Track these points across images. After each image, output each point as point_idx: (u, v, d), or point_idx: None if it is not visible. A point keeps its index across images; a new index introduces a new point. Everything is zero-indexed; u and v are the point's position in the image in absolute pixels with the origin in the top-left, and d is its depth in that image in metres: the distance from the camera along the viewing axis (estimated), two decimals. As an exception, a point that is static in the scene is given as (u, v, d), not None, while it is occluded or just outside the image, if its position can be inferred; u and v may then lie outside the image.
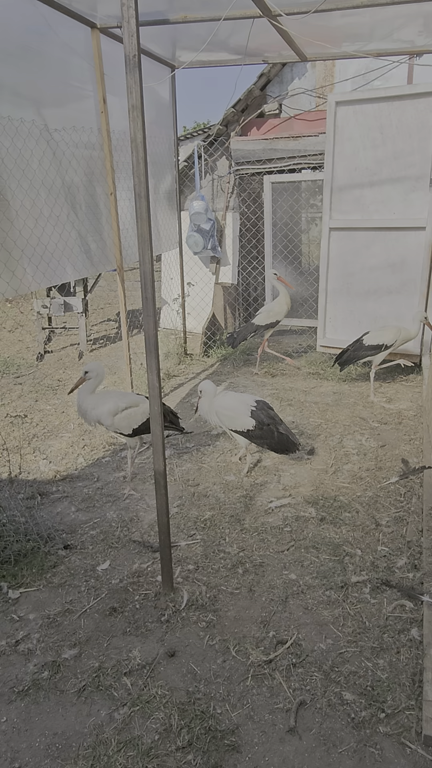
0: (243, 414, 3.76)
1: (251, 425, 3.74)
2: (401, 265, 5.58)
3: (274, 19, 3.85)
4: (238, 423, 3.78)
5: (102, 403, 3.62)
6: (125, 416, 3.61)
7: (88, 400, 3.64)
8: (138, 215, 2.20)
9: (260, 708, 2.21)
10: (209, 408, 3.86)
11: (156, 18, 4.11)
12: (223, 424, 3.87)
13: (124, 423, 3.62)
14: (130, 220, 5.18)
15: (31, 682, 2.36)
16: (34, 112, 3.79)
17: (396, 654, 2.41)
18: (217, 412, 3.83)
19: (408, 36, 4.83)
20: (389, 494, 3.65)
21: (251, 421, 3.74)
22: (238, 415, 3.77)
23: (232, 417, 3.79)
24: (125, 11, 1.97)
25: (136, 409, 3.63)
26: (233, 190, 7.13)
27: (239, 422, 3.77)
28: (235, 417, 3.78)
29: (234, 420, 3.79)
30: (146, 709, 2.21)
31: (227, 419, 3.81)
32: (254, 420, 3.74)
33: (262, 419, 3.75)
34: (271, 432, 3.76)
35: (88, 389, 3.66)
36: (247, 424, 3.75)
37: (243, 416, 3.76)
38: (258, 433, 3.75)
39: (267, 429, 3.75)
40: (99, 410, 3.61)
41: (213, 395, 3.85)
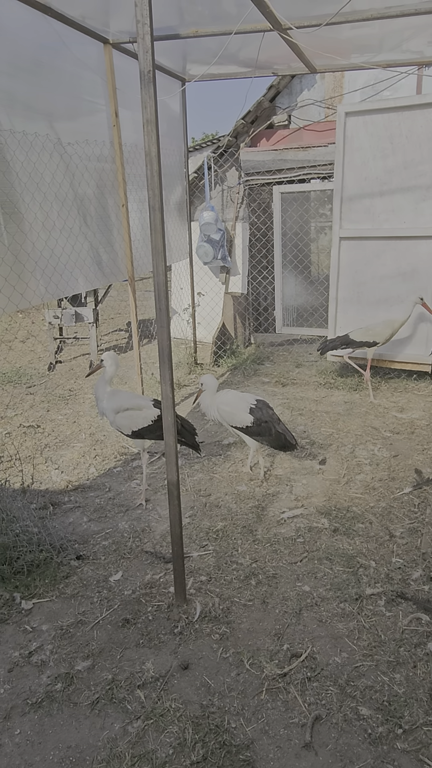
0: (242, 410, 3.85)
1: (249, 421, 3.83)
2: (412, 273, 5.56)
3: (284, 32, 3.89)
4: (237, 419, 3.86)
5: (111, 399, 3.74)
6: (126, 416, 3.68)
7: (102, 390, 3.77)
8: (152, 227, 2.22)
9: (275, 722, 2.18)
10: (210, 402, 3.96)
11: (168, 33, 4.17)
12: (223, 420, 3.96)
13: (125, 423, 3.70)
14: (141, 231, 5.23)
15: (45, 694, 2.35)
16: (47, 126, 3.85)
17: (413, 668, 2.38)
18: (218, 408, 3.93)
19: (417, 47, 4.86)
20: (403, 505, 3.62)
21: (249, 418, 3.83)
22: (237, 411, 3.86)
23: (231, 413, 3.88)
24: (140, 28, 2.00)
25: (138, 412, 3.69)
26: (243, 200, 7.17)
27: (238, 418, 3.85)
28: (234, 413, 3.86)
29: (233, 416, 3.87)
30: (160, 723, 2.19)
31: (227, 415, 3.90)
32: (252, 417, 3.83)
33: (260, 416, 3.84)
34: (269, 429, 3.84)
35: (104, 378, 3.78)
36: (245, 420, 3.83)
37: (242, 412, 3.85)
38: (256, 430, 3.84)
39: (265, 426, 3.84)
40: (107, 405, 3.73)
41: (214, 390, 3.97)
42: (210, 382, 3.97)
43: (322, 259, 7.51)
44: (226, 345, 6.98)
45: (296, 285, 7.21)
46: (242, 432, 3.91)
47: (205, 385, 3.97)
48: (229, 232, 7.09)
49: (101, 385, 3.78)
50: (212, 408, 3.95)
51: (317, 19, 3.76)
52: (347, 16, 3.70)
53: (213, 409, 3.95)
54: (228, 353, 6.89)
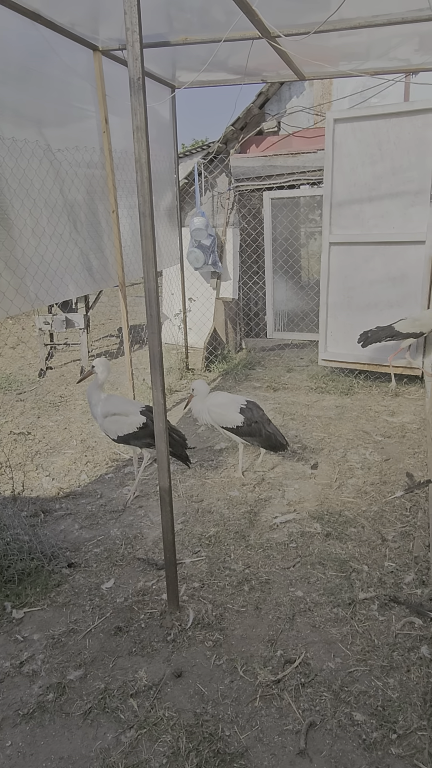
0: (233, 411, 3.89)
1: (240, 421, 3.86)
2: (401, 278, 5.61)
3: (272, 40, 3.92)
4: (228, 419, 3.89)
5: (103, 403, 3.80)
6: (113, 421, 3.75)
7: (95, 396, 3.84)
8: (143, 233, 2.22)
9: (269, 730, 2.17)
10: (202, 406, 3.99)
11: (157, 40, 4.19)
12: (214, 422, 3.98)
13: (112, 428, 3.77)
14: (132, 237, 5.23)
15: (36, 704, 2.32)
16: (36, 133, 3.84)
17: (406, 672, 2.38)
18: (208, 409, 3.96)
19: (404, 54, 4.92)
20: (395, 509, 3.63)
21: (240, 417, 3.86)
22: (228, 412, 3.89)
23: (222, 414, 3.91)
24: (129, 35, 2.01)
25: (125, 418, 3.74)
26: (233, 206, 7.20)
27: (229, 418, 3.89)
28: (225, 414, 3.89)
29: (224, 417, 3.90)
30: (153, 732, 2.17)
31: (218, 416, 3.93)
32: (243, 416, 3.87)
33: (250, 417, 3.87)
34: (259, 429, 3.88)
35: (95, 382, 3.84)
36: (236, 420, 3.87)
37: (233, 413, 3.88)
38: (246, 430, 3.88)
39: (255, 426, 3.87)
40: (96, 409, 3.81)
41: (206, 395, 4.00)
42: (201, 387, 4.00)
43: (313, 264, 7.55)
44: (218, 350, 6.99)
45: (287, 290, 7.24)
46: (233, 432, 3.94)
47: (197, 390, 4.00)
48: (219, 238, 7.11)
49: (93, 390, 3.84)
50: (203, 412, 3.98)
51: (305, 27, 3.79)
52: (335, 25, 3.74)
53: (204, 413, 3.98)
54: (219, 358, 6.90)
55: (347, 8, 3.41)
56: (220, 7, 3.53)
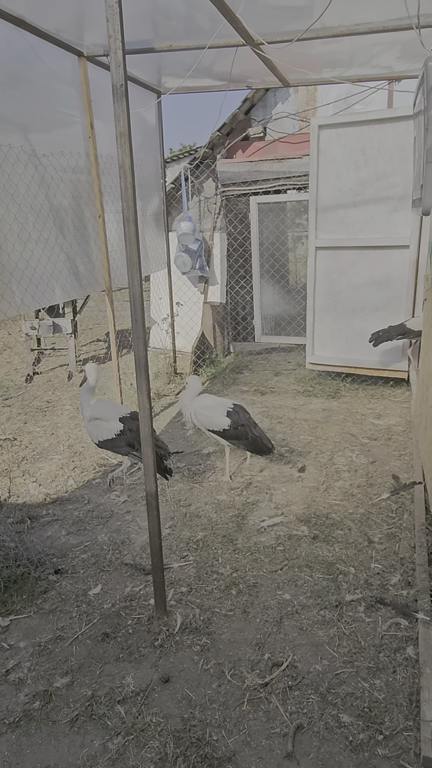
0: (219, 414, 3.91)
1: (227, 424, 3.88)
2: (387, 282, 5.67)
3: (256, 47, 3.96)
4: (214, 422, 3.91)
5: (90, 407, 3.84)
6: (94, 425, 3.80)
7: (85, 398, 3.90)
8: (127, 239, 2.23)
9: (257, 733, 2.18)
10: (189, 404, 4.02)
11: (142, 46, 4.21)
12: (200, 425, 4.00)
13: (93, 432, 3.81)
14: (118, 242, 5.23)
15: (23, 713, 2.30)
16: (22, 138, 3.84)
17: (392, 673, 2.40)
18: (195, 412, 3.98)
19: (386, 62, 4.99)
20: (381, 511, 3.66)
21: (227, 421, 3.88)
22: (214, 415, 3.91)
23: (209, 416, 3.93)
24: (112, 42, 2.02)
25: (105, 423, 3.77)
26: (220, 210, 7.23)
27: (216, 421, 3.90)
28: (212, 416, 3.91)
29: (211, 419, 3.92)
30: (141, 738, 2.17)
31: (205, 419, 3.95)
32: (230, 420, 3.89)
33: (237, 420, 3.89)
34: (245, 432, 3.90)
35: (86, 386, 3.90)
36: (222, 423, 3.89)
37: (219, 416, 3.90)
38: (233, 433, 3.89)
39: (241, 429, 3.89)
40: (85, 412, 3.86)
41: (196, 392, 4.04)
42: (194, 383, 4.07)
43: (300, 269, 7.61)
44: (206, 354, 7.00)
45: (274, 294, 7.28)
46: (219, 435, 3.95)
47: (190, 385, 4.06)
48: (207, 242, 7.14)
49: (84, 394, 3.88)
50: (189, 409, 4.02)
51: (288, 35, 3.83)
52: (317, 33, 3.78)
53: (190, 411, 4.01)
54: (207, 362, 6.91)
55: (329, 16, 3.46)
56: (205, 14, 3.56)
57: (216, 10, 3.29)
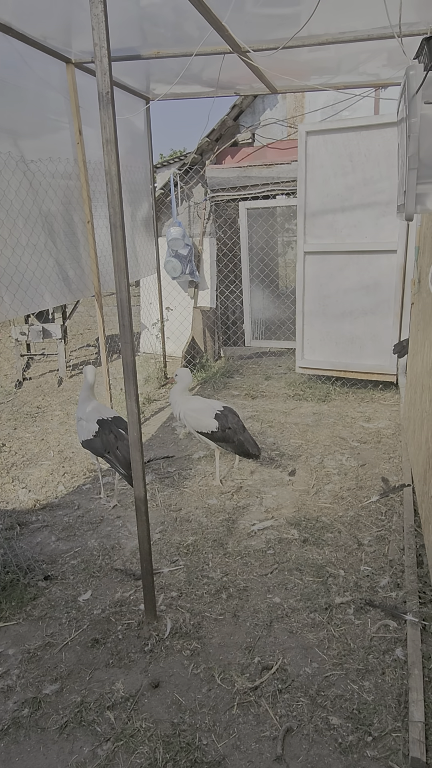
0: (208, 416, 3.93)
1: (214, 427, 3.90)
2: (375, 286, 5.72)
3: (243, 55, 3.99)
4: (202, 424, 3.93)
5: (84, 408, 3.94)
6: (79, 425, 3.91)
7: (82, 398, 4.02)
8: (114, 245, 2.24)
9: (247, 737, 2.18)
10: (179, 400, 4.05)
11: (130, 54, 4.23)
12: (189, 425, 4.01)
13: (79, 431, 3.92)
14: (108, 247, 5.24)
15: (11, 720, 2.29)
16: (10, 144, 3.84)
17: (381, 675, 2.41)
18: (184, 413, 3.99)
19: (373, 69, 5.05)
20: (370, 513, 3.68)
21: (214, 423, 3.90)
22: (202, 417, 3.93)
23: (197, 418, 3.94)
24: (98, 50, 2.04)
25: (85, 424, 3.84)
26: (209, 216, 7.26)
27: (203, 423, 3.92)
28: (200, 418, 3.93)
29: (199, 421, 3.94)
30: (130, 744, 2.16)
31: (193, 420, 3.96)
32: (218, 422, 3.90)
33: (224, 423, 3.91)
34: (232, 436, 3.92)
35: (84, 385, 4.03)
36: (210, 425, 3.90)
37: (207, 418, 3.92)
38: (220, 435, 3.91)
39: (229, 432, 3.91)
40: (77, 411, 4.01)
41: (187, 385, 4.08)
42: (184, 376, 4.09)
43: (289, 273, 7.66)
44: (196, 359, 7.01)
45: (264, 299, 7.31)
46: (206, 437, 3.97)
47: (180, 377, 4.08)
48: (196, 248, 7.16)
49: (82, 394, 4.01)
50: (179, 407, 4.03)
51: (275, 43, 3.87)
52: (303, 40, 3.83)
53: (179, 408, 4.03)
54: (198, 367, 6.92)
55: (315, 24, 3.50)
56: (192, 22, 3.59)
57: (203, 18, 3.32)
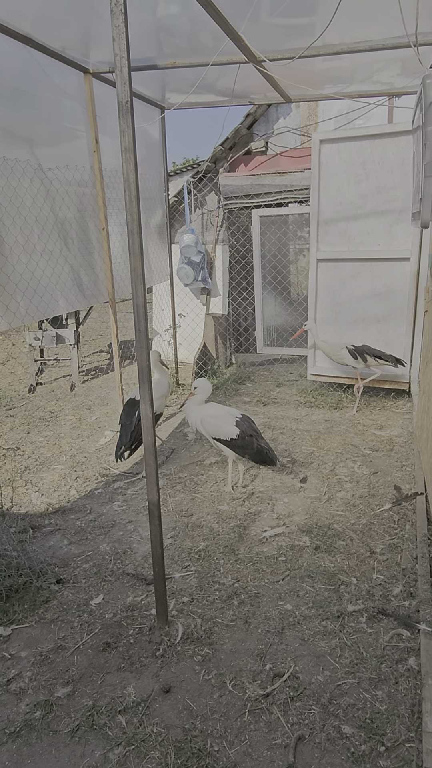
0: (228, 423, 3.90)
1: (235, 434, 3.87)
2: (388, 294, 5.71)
3: (258, 64, 4.04)
4: (222, 431, 3.90)
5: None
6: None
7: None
8: (131, 251, 2.27)
9: (258, 744, 2.17)
10: (196, 410, 3.99)
11: (146, 64, 4.30)
12: (206, 432, 3.99)
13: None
14: (122, 254, 5.29)
15: (23, 722, 2.30)
16: (28, 152, 3.91)
17: (394, 684, 2.39)
18: (202, 419, 3.96)
19: (387, 78, 5.08)
20: (383, 521, 3.66)
21: (235, 430, 3.87)
22: (222, 424, 3.90)
23: (216, 425, 3.91)
24: (118, 61, 2.08)
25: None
26: (222, 223, 7.31)
27: (223, 430, 3.89)
28: (220, 425, 3.90)
29: (218, 428, 3.91)
30: (142, 749, 2.16)
31: (212, 427, 3.93)
32: (238, 429, 3.88)
33: (245, 430, 3.89)
34: (252, 443, 3.89)
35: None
36: (230, 432, 3.87)
37: (228, 425, 3.89)
38: (240, 443, 3.88)
39: (249, 440, 3.89)
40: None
41: (206, 396, 4.03)
42: (204, 386, 4.03)
43: (301, 280, 7.67)
44: (208, 365, 7.03)
45: (276, 305, 7.33)
46: (225, 444, 3.95)
47: (199, 389, 4.03)
48: (209, 255, 7.21)
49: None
50: (196, 415, 3.99)
51: (290, 52, 3.91)
52: (318, 50, 3.86)
53: (196, 417, 3.99)
54: (209, 373, 6.94)
55: (330, 34, 3.53)
56: (208, 32, 3.64)
57: (219, 29, 3.37)
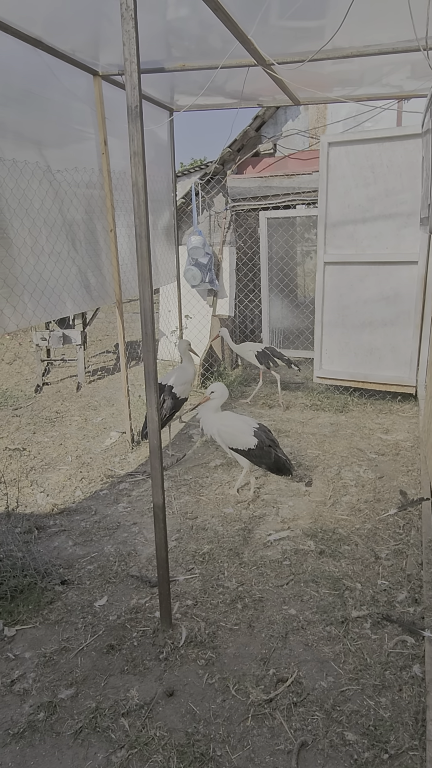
0: (246, 433, 3.86)
1: (253, 444, 3.84)
2: (395, 297, 5.69)
3: (268, 67, 4.03)
4: (240, 441, 3.86)
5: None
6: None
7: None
8: (139, 254, 2.27)
9: (261, 750, 2.16)
10: (213, 419, 3.93)
11: (156, 66, 4.30)
12: (223, 441, 3.94)
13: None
14: (129, 256, 5.30)
15: (27, 723, 2.31)
16: (37, 154, 3.92)
17: (398, 692, 2.38)
18: (219, 429, 3.92)
19: (396, 81, 5.05)
20: (388, 526, 3.64)
21: (254, 440, 3.84)
22: (240, 434, 3.87)
23: (234, 435, 3.88)
24: (128, 65, 2.08)
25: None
26: (230, 225, 7.31)
27: (241, 440, 3.86)
28: (238, 435, 3.87)
29: (236, 438, 3.87)
30: (144, 752, 2.16)
31: (229, 436, 3.90)
32: (257, 439, 3.84)
33: (263, 439, 3.86)
34: (270, 453, 3.87)
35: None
36: (249, 442, 3.84)
37: (246, 435, 3.86)
38: (258, 453, 3.85)
39: (267, 450, 3.86)
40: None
41: (222, 400, 3.97)
42: (221, 391, 3.96)
43: (308, 283, 7.65)
44: (214, 367, 7.03)
45: (282, 308, 7.32)
46: (241, 454, 3.90)
47: (216, 393, 3.95)
48: (216, 256, 7.21)
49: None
50: (212, 425, 3.94)
51: (299, 56, 3.90)
52: (328, 53, 3.85)
53: (213, 427, 3.94)
54: (215, 375, 6.94)
55: (340, 38, 3.52)
56: (217, 35, 3.64)
57: (228, 32, 3.37)
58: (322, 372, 6.23)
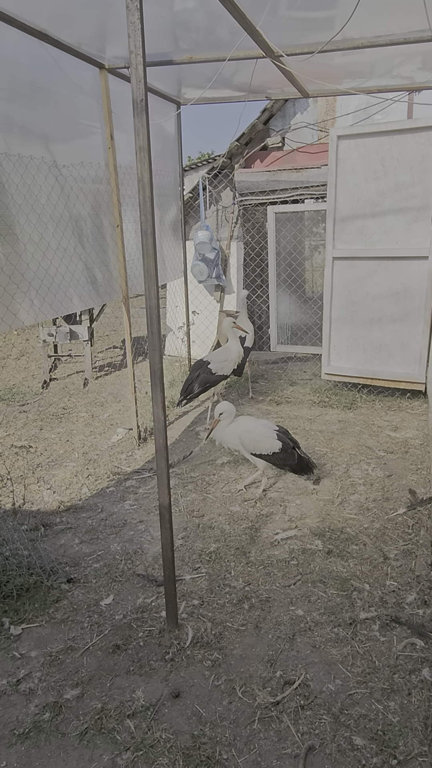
0: (269, 437, 3.84)
1: (277, 448, 3.82)
2: (405, 293, 5.61)
3: (276, 59, 3.96)
4: (264, 446, 3.84)
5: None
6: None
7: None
8: (144, 251, 2.23)
9: (268, 753, 2.14)
10: (231, 432, 3.89)
11: (163, 59, 4.24)
12: (245, 448, 3.89)
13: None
14: (136, 251, 5.26)
15: (32, 724, 2.30)
16: (43, 149, 3.89)
17: (407, 696, 2.34)
18: (240, 436, 3.87)
19: (407, 72, 4.97)
20: (397, 526, 3.60)
21: (278, 444, 3.82)
22: (264, 439, 3.84)
23: (258, 440, 3.85)
24: (133, 58, 2.04)
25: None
26: (237, 220, 7.25)
27: (266, 445, 3.83)
28: (261, 440, 3.84)
29: (260, 443, 3.84)
30: (150, 754, 2.14)
31: (252, 442, 3.86)
32: (281, 443, 3.83)
33: (287, 442, 3.86)
34: (293, 455, 3.86)
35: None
36: (273, 447, 3.83)
37: (270, 439, 3.83)
38: (282, 456, 3.84)
39: (291, 452, 3.85)
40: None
41: (232, 417, 3.93)
42: (229, 410, 3.91)
43: (316, 278, 7.59)
44: (221, 363, 6.98)
45: (290, 303, 7.26)
46: (264, 459, 3.86)
47: (225, 413, 3.89)
48: (223, 251, 7.16)
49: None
50: (231, 436, 3.87)
51: (309, 47, 3.83)
52: (338, 44, 3.78)
53: (233, 437, 3.87)
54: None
55: (350, 28, 3.45)
56: (225, 27, 3.58)
57: (236, 23, 3.30)
58: (330, 368, 6.16)
